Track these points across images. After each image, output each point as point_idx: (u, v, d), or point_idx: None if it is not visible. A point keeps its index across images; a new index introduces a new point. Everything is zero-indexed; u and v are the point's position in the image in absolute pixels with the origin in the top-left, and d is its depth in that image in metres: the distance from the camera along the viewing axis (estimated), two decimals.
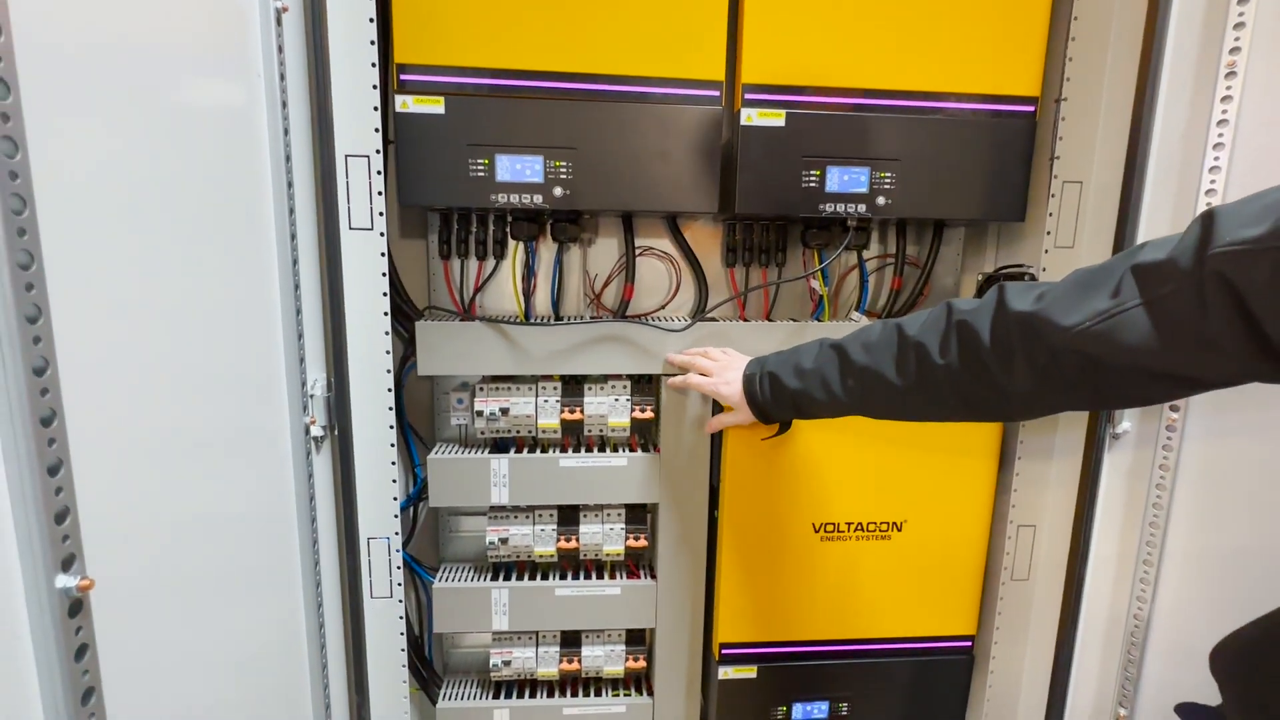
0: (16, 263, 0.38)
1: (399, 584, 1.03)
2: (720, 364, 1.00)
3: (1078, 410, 0.93)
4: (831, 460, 1.09)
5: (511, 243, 1.15)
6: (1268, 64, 0.83)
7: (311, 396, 0.87)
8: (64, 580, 0.41)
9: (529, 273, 1.16)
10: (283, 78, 0.76)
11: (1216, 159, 0.86)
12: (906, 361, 0.72)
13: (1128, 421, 0.98)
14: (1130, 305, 0.55)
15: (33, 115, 0.40)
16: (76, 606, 0.42)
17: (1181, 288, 0.52)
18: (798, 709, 1.17)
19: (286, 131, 0.77)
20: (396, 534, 1.01)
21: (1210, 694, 0.98)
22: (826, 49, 0.99)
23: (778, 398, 0.88)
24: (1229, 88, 0.84)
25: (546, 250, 1.20)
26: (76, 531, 0.42)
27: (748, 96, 0.99)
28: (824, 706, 1.18)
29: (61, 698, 0.41)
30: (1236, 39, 0.83)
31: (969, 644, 1.18)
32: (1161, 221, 0.92)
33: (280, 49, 0.76)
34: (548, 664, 1.18)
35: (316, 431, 0.87)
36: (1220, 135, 0.85)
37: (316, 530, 0.90)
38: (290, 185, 0.78)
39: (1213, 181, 0.86)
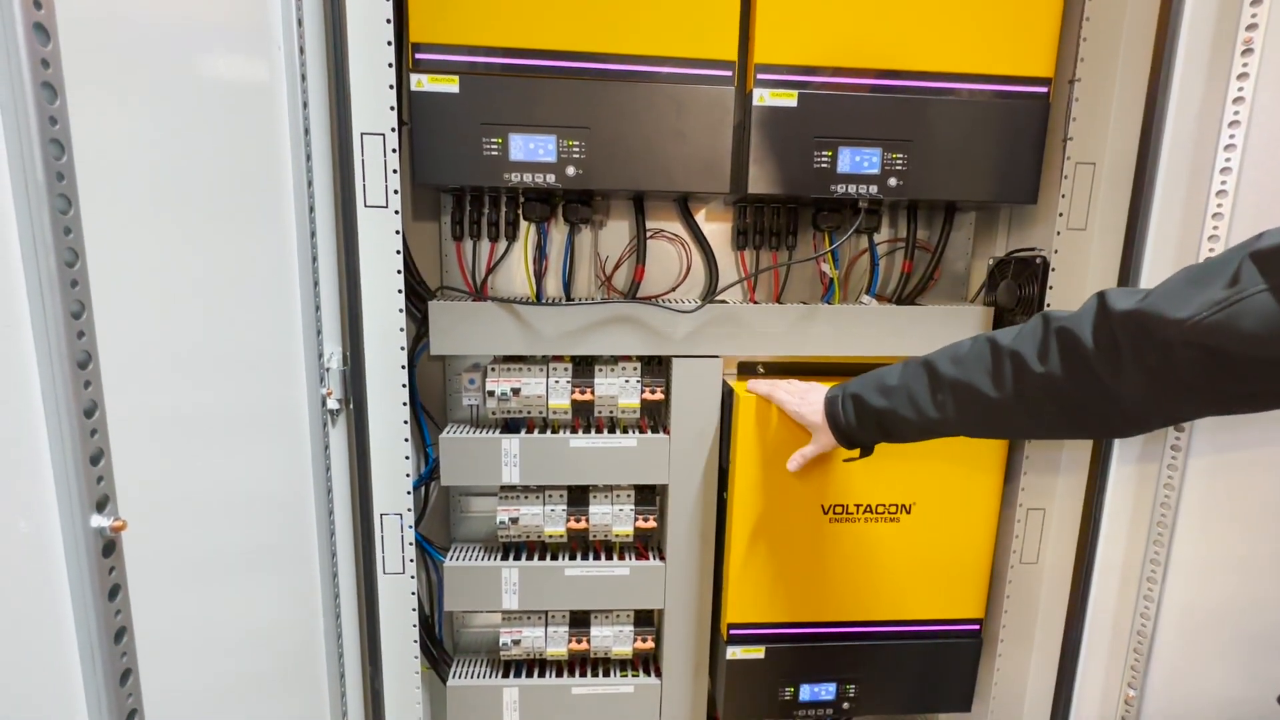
0: (56, 209, 0.39)
1: (411, 559, 1.04)
2: (800, 389, 1.00)
3: (1196, 418, 0.84)
4: None
5: (523, 224, 1.16)
6: None
7: (328, 369, 0.88)
8: (99, 520, 0.42)
9: (540, 255, 1.17)
10: (302, 50, 0.77)
11: (1232, 137, 0.85)
12: (1002, 372, 0.68)
13: None
14: (1253, 291, 0.52)
15: (71, 82, 0.41)
16: (110, 547, 0.43)
17: None
18: (805, 690, 1.18)
19: (305, 105, 0.79)
20: (409, 510, 1.02)
21: (1220, 671, 0.98)
22: (839, 29, 0.99)
23: (862, 419, 0.83)
24: (1245, 65, 0.84)
25: (558, 233, 1.21)
26: (110, 474, 0.43)
27: (760, 77, 0.99)
28: (831, 688, 1.18)
29: (96, 635, 0.42)
30: (1253, 15, 0.82)
31: (977, 627, 1.18)
32: (1176, 203, 0.92)
33: (300, 23, 0.77)
34: (557, 644, 1.19)
35: (333, 404, 0.88)
36: (1236, 114, 0.85)
37: (333, 501, 0.91)
38: (309, 158, 0.80)
39: (1228, 160, 0.86)
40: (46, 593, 0.41)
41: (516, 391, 1.11)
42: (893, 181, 1.03)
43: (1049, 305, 1.06)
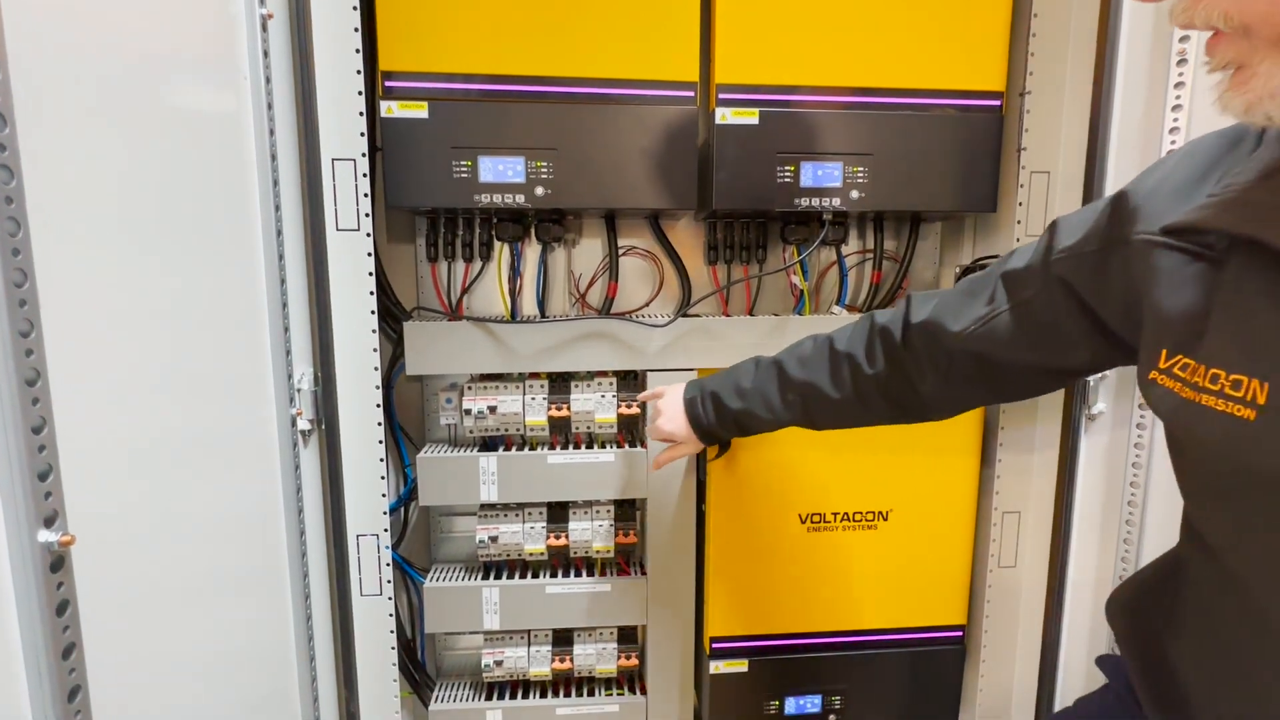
0: (6, 230, 0.40)
1: (388, 581, 1.03)
2: (664, 400, 0.96)
3: (983, 404, 0.98)
4: (816, 451, 1.10)
5: (497, 244, 1.17)
6: None
7: (299, 390, 0.89)
8: (46, 535, 0.42)
9: (514, 274, 1.18)
10: (268, 80, 0.79)
11: (1173, 142, 0.89)
12: (841, 374, 0.78)
13: (1102, 403, 1.00)
14: (1001, 309, 0.64)
15: (24, 111, 0.43)
16: (59, 562, 0.44)
17: (1038, 291, 0.61)
18: (790, 703, 1.17)
19: (272, 132, 0.80)
20: (385, 531, 1.02)
21: None
22: (797, 49, 1.03)
23: (721, 418, 0.89)
24: (1180, 75, 0.87)
25: (531, 252, 1.23)
26: (59, 490, 0.44)
27: (722, 96, 1.03)
28: (817, 700, 1.17)
29: (43, 650, 0.42)
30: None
31: (960, 634, 1.18)
32: None
33: (266, 54, 0.79)
34: (540, 663, 1.18)
35: (303, 425, 0.89)
36: (1175, 120, 0.88)
37: (304, 522, 0.91)
38: (276, 183, 0.81)
39: None
40: None
41: (493, 409, 1.12)
42: (854, 194, 1.06)
43: None
